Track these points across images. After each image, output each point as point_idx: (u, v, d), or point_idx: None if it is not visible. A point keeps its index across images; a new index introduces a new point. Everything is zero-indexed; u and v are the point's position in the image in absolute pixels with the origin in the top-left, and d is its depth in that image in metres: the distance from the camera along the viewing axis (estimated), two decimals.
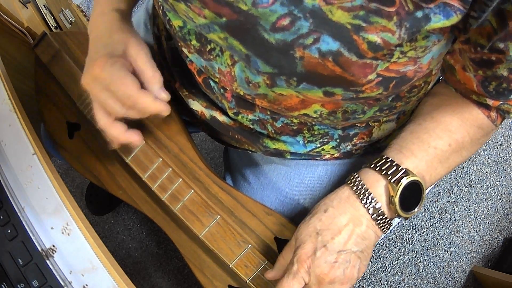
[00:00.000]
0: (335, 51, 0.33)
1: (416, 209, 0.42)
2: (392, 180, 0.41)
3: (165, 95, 0.43)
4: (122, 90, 0.41)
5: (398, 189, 0.40)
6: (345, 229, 0.41)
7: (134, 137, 0.45)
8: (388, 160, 0.42)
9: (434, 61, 0.38)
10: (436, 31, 0.33)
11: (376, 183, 0.42)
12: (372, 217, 0.41)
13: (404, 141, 0.44)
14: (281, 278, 0.43)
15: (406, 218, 0.42)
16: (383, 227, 0.42)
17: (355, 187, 0.42)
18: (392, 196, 0.41)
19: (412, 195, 0.41)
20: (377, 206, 0.41)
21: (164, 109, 0.43)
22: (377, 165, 0.42)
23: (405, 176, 0.40)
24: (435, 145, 0.43)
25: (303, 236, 0.42)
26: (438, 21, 0.31)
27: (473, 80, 0.39)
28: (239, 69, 0.42)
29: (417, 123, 0.45)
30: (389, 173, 0.41)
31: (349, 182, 0.43)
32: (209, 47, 0.42)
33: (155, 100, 0.42)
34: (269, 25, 0.33)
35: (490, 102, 0.41)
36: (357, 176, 0.43)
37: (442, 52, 0.37)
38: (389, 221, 0.42)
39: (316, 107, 0.43)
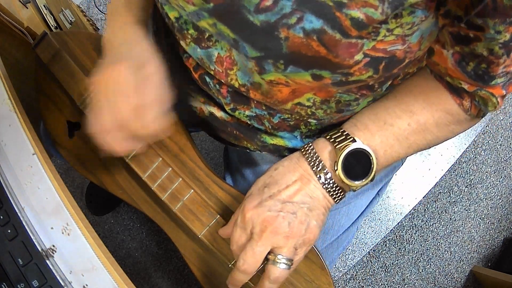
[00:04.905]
0: (319, 29, 0.33)
1: (364, 180, 0.42)
2: (338, 146, 0.42)
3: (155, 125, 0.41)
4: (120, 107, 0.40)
5: (341, 154, 0.41)
6: (293, 185, 0.42)
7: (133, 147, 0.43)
8: (340, 131, 0.44)
9: (425, 40, 0.37)
10: (421, 6, 0.33)
11: (324, 149, 0.44)
12: (320, 180, 0.43)
13: (362, 116, 0.45)
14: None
15: (354, 190, 0.43)
16: (332, 194, 0.43)
17: (305, 152, 0.44)
18: (336, 161, 0.42)
19: (359, 164, 0.42)
20: (325, 171, 0.43)
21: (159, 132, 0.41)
22: (330, 135, 0.44)
23: (351, 143, 0.42)
24: (391, 123, 0.43)
25: (251, 190, 0.44)
26: None
27: (449, 60, 0.39)
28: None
29: (379, 101, 0.46)
30: (337, 140, 0.43)
31: (301, 149, 0.45)
32: (207, 34, 0.43)
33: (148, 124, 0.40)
34: (253, 7, 0.33)
35: (466, 86, 0.40)
36: (310, 144, 0.45)
37: (432, 31, 0.37)
38: (339, 189, 0.43)
39: (308, 95, 0.44)
